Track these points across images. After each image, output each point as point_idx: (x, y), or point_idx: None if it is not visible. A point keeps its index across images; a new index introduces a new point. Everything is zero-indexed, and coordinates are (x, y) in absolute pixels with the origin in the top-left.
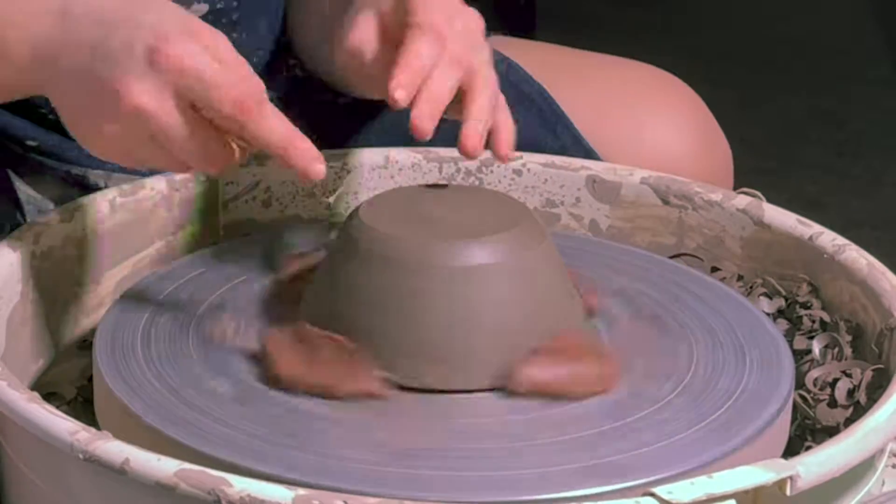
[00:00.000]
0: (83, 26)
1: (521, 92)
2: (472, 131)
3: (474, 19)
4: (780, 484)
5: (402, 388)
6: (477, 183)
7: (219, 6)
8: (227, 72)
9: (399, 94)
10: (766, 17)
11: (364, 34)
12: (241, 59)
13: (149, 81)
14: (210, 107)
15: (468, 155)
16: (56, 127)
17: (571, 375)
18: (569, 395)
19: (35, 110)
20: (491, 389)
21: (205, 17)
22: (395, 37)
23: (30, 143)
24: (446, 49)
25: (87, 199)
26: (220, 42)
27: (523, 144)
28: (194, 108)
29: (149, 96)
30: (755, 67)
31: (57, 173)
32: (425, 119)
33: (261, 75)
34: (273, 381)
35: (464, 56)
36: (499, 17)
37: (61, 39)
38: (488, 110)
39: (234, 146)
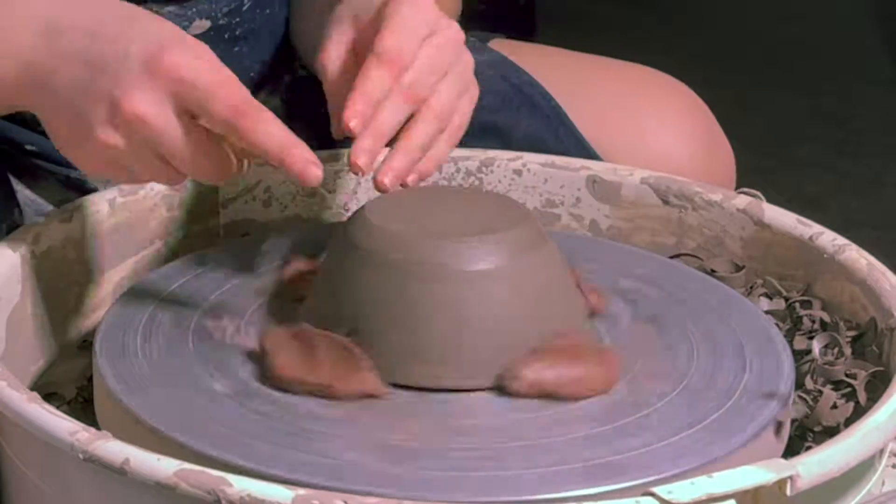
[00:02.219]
0: (73, 41)
1: (523, 94)
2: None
3: (449, 36)
4: (780, 484)
5: (403, 387)
6: (477, 183)
7: (221, 22)
8: (223, 80)
9: (353, 124)
10: (766, 17)
11: (333, 53)
12: (231, 73)
13: (147, 89)
14: (209, 113)
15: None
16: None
17: (571, 376)
18: (568, 396)
19: (32, 117)
20: (491, 389)
21: (206, 33)
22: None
23: (28, 147)
24: (401, 80)
25: (87, 199)
26: (209, 53)
27: (525, 146)
28: (192, 117)
29: (148, 104)
30: (755, 67)
31: (56, 177)
32: (362, 154)
33: (265, 81)
34: (272, 381)
35: (419, 85)
36: (498, 18)
37: (49, 55)
38: (419, 144)
39: (232, 157)
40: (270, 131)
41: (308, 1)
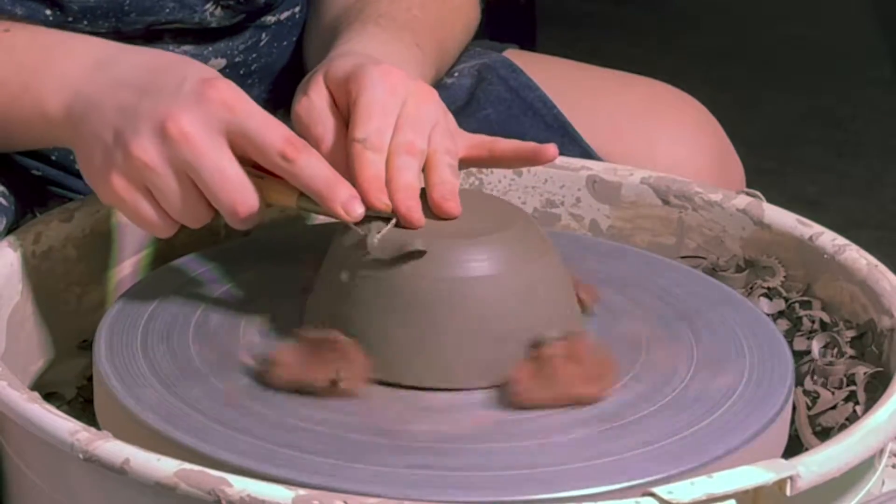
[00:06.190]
0: (130, 70)
1: (524, 101)
2: (441, 198)
3: (419, 95)
4: (780, 484)
5: (404, 387)
6: (477, 183)
7: (237, 59)
8: (272, 118)
9: (383, 202)
10: (766, 17)
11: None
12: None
13: (199, 112)
14: (262, 143)
15: (452, 214)
16: (58, 165)
17: (562, 391)
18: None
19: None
20: (491, 389)
21: (221, 71)
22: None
23: (34, 172)
24: (395, 149)
25: (88, 199)
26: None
27: None
28: (234, 150)
29: (196, 125)
30: (755, 67)
31: (62, 201)
32: (412, 211)
33: (279, 104)
34: (273, 382)
35: (414, 142)
36: (498, 18)
37: (100, 83)
38: (450, 178)
39: (260, 198)
40: (316, 165)
41: (314, 32)
